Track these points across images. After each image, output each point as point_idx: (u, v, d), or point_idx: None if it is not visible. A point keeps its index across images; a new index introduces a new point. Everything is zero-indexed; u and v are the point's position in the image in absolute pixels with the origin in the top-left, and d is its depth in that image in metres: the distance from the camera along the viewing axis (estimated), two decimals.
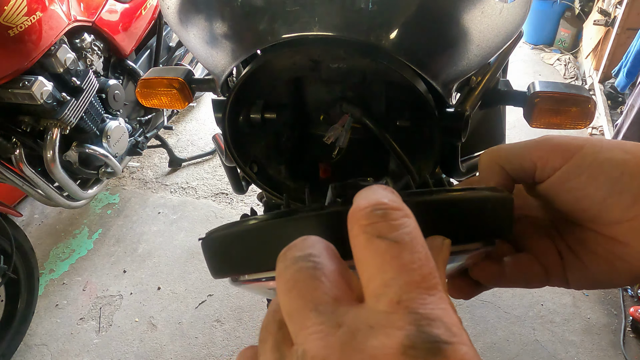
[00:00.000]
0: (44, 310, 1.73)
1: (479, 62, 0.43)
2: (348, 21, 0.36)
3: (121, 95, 1.77)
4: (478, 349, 1.48)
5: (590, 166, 0.25)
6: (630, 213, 0.24)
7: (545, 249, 0.28)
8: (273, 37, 0.38)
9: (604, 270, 0.26)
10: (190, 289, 1.76)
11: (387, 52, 0.37)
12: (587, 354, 1.44)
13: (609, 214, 0.25)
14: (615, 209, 0.24)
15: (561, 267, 0.28)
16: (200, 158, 2.42)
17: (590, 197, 0.25)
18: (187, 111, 2.83)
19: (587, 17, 3.05)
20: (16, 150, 1.42)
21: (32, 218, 2.15)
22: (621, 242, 0.25)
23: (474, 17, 0.40)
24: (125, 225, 2.08)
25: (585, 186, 0.25)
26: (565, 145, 0.25)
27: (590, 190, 0.25)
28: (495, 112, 0.85)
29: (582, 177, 0.25)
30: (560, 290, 1.64)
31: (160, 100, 0.68)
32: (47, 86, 1.38)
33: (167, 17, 0.50)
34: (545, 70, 3.12)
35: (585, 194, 0.25)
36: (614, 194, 0.24)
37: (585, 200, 0.25)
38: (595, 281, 0.27)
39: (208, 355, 1.54)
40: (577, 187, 0.25)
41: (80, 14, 1.57)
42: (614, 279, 0.26)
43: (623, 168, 0.24)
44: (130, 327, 1.64)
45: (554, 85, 0.56)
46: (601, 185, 0.24)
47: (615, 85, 2.38)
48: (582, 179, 0.25)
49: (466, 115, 0.43)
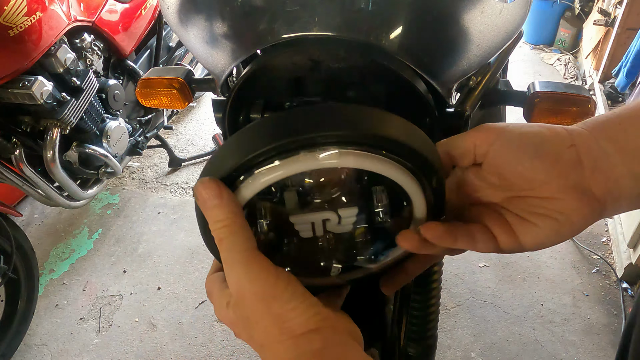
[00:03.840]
0: (44, 310, 1.73)
1: (479, 62, 0.43)
2: (348, 21, 0.36)
3: (121, 95, 1.77)
4: (478, 349, 1.48)
5: (517, 139, 0.31)
6: (554, 172, 0.30)
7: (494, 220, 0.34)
8: (273, 37, 0.38)
9: (549, 224, 0.31)
10: (190, 289, 1.76)
11: (387, 52, 0.37)
12: (587, 354, 1.44)
13: (539, 175, 0.31)
14: (541, 170, 0.30)
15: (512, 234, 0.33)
16: (200, 158, 2.42)
17: (522, 165, 0.31)
18: (187, 111, 2.83)
19: (587, 17, 3.06)
20: (16, 150, 1.42)
21: (32, 218, 2.15)
22: (556, 198, 0.31)
23: (474, 17, 0.40)
24: (125, 225, 2.08)
25: (516, 156, 0.31)
26: (495, 126, 0.32)
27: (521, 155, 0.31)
28: (495, 112, 0.85)
29: (512, 148, 0.31)
30: (560, 290, 1.65)
31: (160, 100, 0.67)
32: (47, 86, 1.38)
33: (167, 17, 0.50)
34: (545, 70, 3.12)
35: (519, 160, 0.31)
36: (538, 157, 0.30)
37: (519, 166, 0.31)
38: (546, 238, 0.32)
39: (208, 355, 1.54)
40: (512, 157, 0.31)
41: (80, 14, 1.57)
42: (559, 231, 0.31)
43: (542, 137, 0.31)
44: (130, 327, 1.64)
45: (554, 85, 0.56)
46: (526, 151, 0.31)
47: (615, 85, 2.38)
48: (512, 151, 0.31)
49: (466, 115, 0.43)
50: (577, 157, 0.31)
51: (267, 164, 0.30)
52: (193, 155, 2.43)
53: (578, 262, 1.75)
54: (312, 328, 0.28)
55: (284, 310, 0.28)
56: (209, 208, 0.30)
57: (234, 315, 0.31)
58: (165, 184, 2.30)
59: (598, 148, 0.31)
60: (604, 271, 1.70)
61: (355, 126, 0.30)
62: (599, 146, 0.31)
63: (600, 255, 1.75)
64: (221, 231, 0.29)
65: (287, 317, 0.28)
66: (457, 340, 1.51)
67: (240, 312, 0.30)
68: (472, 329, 1.54)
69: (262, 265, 0.29)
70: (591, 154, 0.31)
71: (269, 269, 0.29)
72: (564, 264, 1.74)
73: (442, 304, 1.61)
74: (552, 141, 0.31)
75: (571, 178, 0.30)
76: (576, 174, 0.30)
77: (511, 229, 0.33)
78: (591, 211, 0.31)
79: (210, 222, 0.30)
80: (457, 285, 1.69)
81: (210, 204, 0.30)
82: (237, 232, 0.29)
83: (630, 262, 1.59)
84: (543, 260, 1.76)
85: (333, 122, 0.30)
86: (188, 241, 1.96)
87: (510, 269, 1.74)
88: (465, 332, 1.53)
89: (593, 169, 0.30)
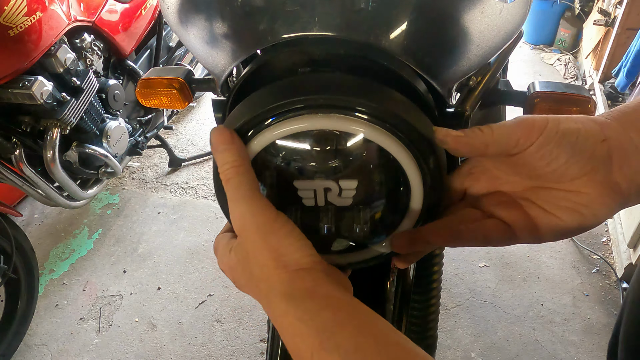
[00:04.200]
0: (44, 310, 1.73)
1: (479, 62, 0.43)
2: (348, 21, 0.37)
3: (121, 95, 1.77)
4: (478, 349, 1.48)
5: (555, 136, 0.32)
6: (586, 168, 0.31)
7: (513, 212, 0.35)
8: (273, 37, 0.38)
9: (574, 218, 0.32)
10: (190, 289, 1.76)
11: (387, 52, 0.37)
12: (587, 354, 1.44)
13: (571, 170, 0.32)
14: (575, 166, 0.31)
15: (531, 225, 0.34)
16: (200, 158, 2.42)
17: (557, 159, 0.32)
18: (187, 111, 2.83)
19: (587, 17, 3.05)
20: (16, 150, 1.42)
21: (32, 218, 2.15)
22: (583, 193, 0.32)
23: (474, 17, 0.40)
24: (125, 225, 2.08)
25: (554, 151, 0.32)
26: (539, 122, 0.32)
27: (557, 153, 0.32)
28: (495, 112, 0.85)
29: (550, 145, 0.32)
30: (560, 290, 1.65)
31: (160, 100, 0.67)
32: (47, 86, 1.38)
33: (167, 17, 0.50)
34: (545, 70, 3.12)
35: (554, 157, 0.32)
36: (574, 154, 0.31)
37: (554, 162, 0.32)
38: (567, 229, 0.33)
39: (208, 355, 1.54)
40: (548, 153, 0.32)
41: (80, 14, 1.57)
42: (583, 223, 0.32)
43: (577, 134, 0.32)
44: (130, 327, 1.64)
45: (554, 85, 0.56)
46: (564, 148, 0.31)
47: (615, 85, 2.38)
48: (551, 147, 0.32)
49: (466, 115, 0.43)
50: (608, 152, 0.31)
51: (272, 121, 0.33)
52: (193, 155, 2.43)
53: (578, 262, 1.75)
54: (304, 267, 0.31)
55: (281, 245, 0.31)
56: (220, 151, 0.33)
57: (235, 258, 0.34)
58: (165, 184, 2.30)
59: (627, 140, 0.31)
60: (604, 271, 1.70)
61: (355, 93, 0.33)
62: (628, 138, 0.31)
63: (600, 255, 1.75)
64: (229, 171, 0.33)
65: (283, 251, 0.31)
66: (457, 340, 1.51)
67: (241, 250, 0.33)
68: (472, 329, 1.54)
69: (264, 202, 0.32)
70: (621, 147, 0.31)
71: (270, 207, 0.32)
72: (564, 264, 1.74)
73: (442, 304, 1.61)
74: (587, 138, 0.31)
75: (600, 173, 0.31)
76: (605, 169, 0.31)
77: (532, 221, 0.34)
78: (615, 204, 0.32)
79: (219, 164, 0.33)
80: (457, 285, 1.69)
81: (221, 148, 0.33)
82: (244, 173, 0.32)
83: (630, 262, 1.59)
84: (543, 260, 1.76)
85: (336, 88, 0.33)
86: (188, 241, 1.96)
87: (510, 269, 1.74)
88: (465, 332, 1.53)
89: (621, 163, 0.31)
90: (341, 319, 0.28)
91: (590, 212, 0.32)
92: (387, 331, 0.28)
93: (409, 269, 0.59)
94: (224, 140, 0.33)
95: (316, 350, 0.27)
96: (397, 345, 0.27)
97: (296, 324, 0.28)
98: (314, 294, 0.29)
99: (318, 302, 0.29)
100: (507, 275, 1.72)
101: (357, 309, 0.29)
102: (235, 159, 0.33)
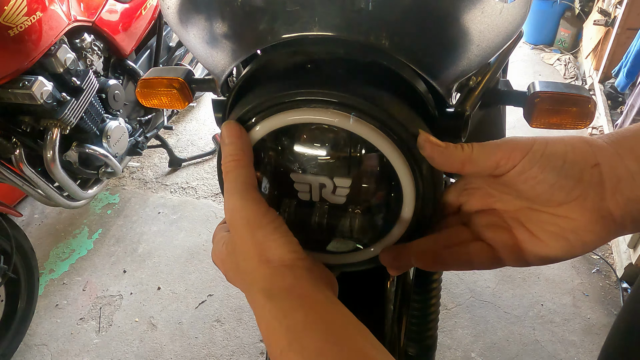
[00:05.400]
0: (44, 310, 1.73)
1: (479, 62, 0.43)
2: (348, 21, 0.36)
3: (121, 95, 1.77)
4: (478, 349, 1.48)
5: (541, 159, 0.30)
6: (574, 193, 0.30)
7: (501, 236, 0.34)
8: (273, 37, 0.38)
9: (560, 244, 0.31)
10: (190, 289, 1.76)
11: (387, 52, 0.37)
12: (587, 354, 1.44)
13: (557, 196, 0.30)
14: (562, 191, 0.30)
15: (517, 250, 0.33)
16: (200, 158, 2.42)
17: (542, 184, 0.31)
18: (187, 111, 2.83)
19: (587, 17, 3.05)
20: (16, 150, 1.42)
21: (32, 218, 2.15)
22: (570, 218, 0.31)
23: (474, 17, 0.40)
24: (125, 225, 2.08)
25: (537, 175, 0.30)
26: (522, 145, 0.31)
27: (542, 177, 0.30)
28: (495, 112, 0.85)
29: (535, 168, 0.30)
30: (560, 290, 1.65)
31: (160, 100, 0.67)
32: (47, 86, 1.38)
33: (167, 17, 0.50)
34: (545, 70, 3.12)
35: (538, 181, 0.31)
36: (559, 179, 0.30)
37: (538, 186, 0.31)
38: (553, 256, 0.32)
39: (208, 355, 1.54)
40: (532, 177, 0.31)
41: (80, 14, 1.57)
42: (569, 251, 0.31)
43: (564, 158, 0.30)
44: (130, 327, 1.64)
45: (554, 85, 0.56)
46: (549, 173, 0.30)
47: (615, 85, 2.38)
48: (535, 170, 0.30)
49: (466, 115, 0.43)
50: (600, 177, 0.30)
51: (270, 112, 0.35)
52: (193, 155, 2.43)
53: (578, 262, 1.75)
54: (286, 263, 0.31)
55: (266, 240, 0.31)
56: (226, 144, 0.35)
57: (226, 252, 0.35)
58: (165, 184, 2.30)
59: (623, 167, 0.30)
60: (604, 271, 1.70)
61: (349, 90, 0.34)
62: (623, 165, 0.30)
63: (600, 255, 1.76)
64: (230, 164, 0.34)
65: (267, 246, 0.31)
66: (457, 340, 1.51)
67: (230, 243, 0.34)
68: (472, 329, 1.54)
69: (256, 198, 0.33)
70: (615, 173, 0.30)
71: (261, 202, 0.33)
72: (564, 263, 1.74)
73: (442, 304, 1.61)
74: (575, 162, 0.30)
75: (590, 199, 0.30)
76: (596, 195, 0.30)
77: (518, 246, 0.33)
78: (607, 232, 0.30)
79: (223, 156, 0.35)
80: (457, 285, 1.69)
81: (227, 141, 0.35)
82: (243, 168, 0.34)
83: (630, 262, 1.59)
84: None
85: (334, 85, 0.34)
86: (188, 241, 1.96)
87: (510, 269, 1.74)
88: (465, 332, 1.53)
89: (614, 190, 0.29)
90: (311, 321, 0.28)
91: (577, 238, 0.31)
92: (356, 337, 0.28)
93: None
94: (232, 134, 0.35)
95: (284, 349, 0.27)
96: (360, 352, 0.27)
97: (271, 321, 0.29)
98: (290, 293, 0.30)
99: (293, 301, 0.29)
100: (507, 275, 1.72)
101: (330, 311, 0.29)
102: (238, 153, 0.34)
